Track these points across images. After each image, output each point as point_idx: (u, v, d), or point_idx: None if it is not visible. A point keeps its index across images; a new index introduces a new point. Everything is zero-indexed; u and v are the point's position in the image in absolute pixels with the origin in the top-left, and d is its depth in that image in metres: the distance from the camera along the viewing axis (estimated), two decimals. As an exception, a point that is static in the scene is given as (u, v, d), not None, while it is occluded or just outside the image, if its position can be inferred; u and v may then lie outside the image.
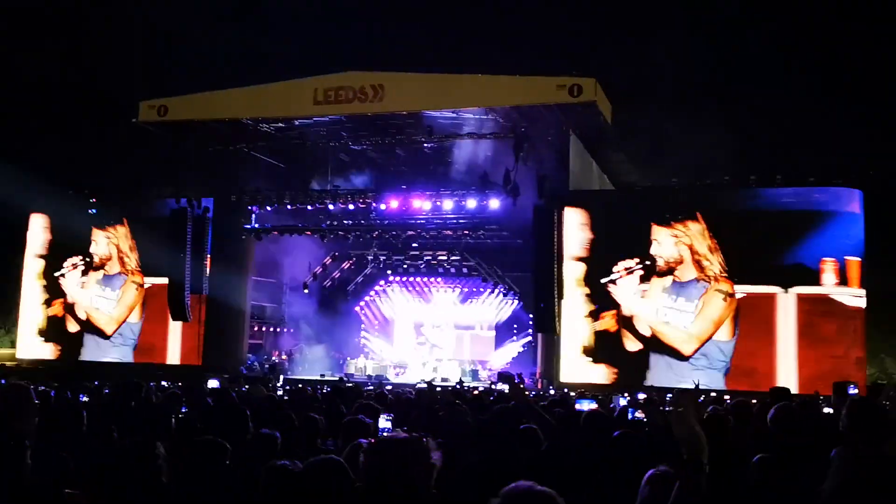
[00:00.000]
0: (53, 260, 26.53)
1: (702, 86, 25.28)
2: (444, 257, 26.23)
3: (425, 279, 27.98)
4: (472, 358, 26.61)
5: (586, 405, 7.39)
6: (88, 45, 28.33)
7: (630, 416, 7.28)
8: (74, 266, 26.22)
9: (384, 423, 5.03)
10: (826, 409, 7.67)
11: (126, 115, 23.19)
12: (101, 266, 26.03)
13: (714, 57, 26.69)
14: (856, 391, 8.04)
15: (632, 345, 20.46)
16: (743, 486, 3.39)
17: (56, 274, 26.37)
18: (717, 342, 19.79)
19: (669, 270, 20.38)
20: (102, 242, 26.08)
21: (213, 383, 11.22)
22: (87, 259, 26.10)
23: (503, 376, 4.91)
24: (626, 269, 20.55)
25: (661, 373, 19.98)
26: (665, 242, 20.48)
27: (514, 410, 4.91)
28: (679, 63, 25.18)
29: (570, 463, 4.32)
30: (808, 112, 24.99)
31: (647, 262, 20.51)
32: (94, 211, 25.78)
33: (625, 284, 20.62)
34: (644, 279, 20.55)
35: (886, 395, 10.36)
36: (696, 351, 19.89)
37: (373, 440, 2.61)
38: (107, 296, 25.90)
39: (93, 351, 25.81)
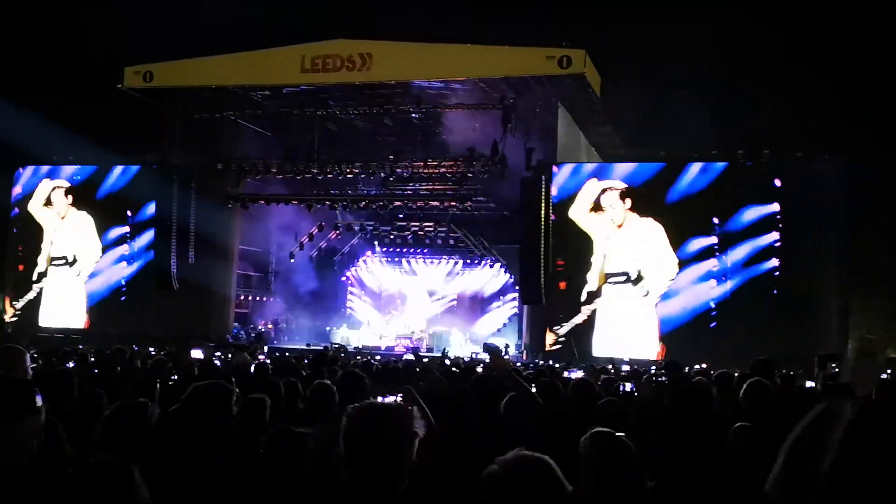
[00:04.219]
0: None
1: (693, 62, 25.09)
2: (431, 229, 26.22)
3: (412, 250, 27.97)
4: (458, 329, 26.69)
5: (574, 375, 7.46)
6: (72, 8, 27.79)
7: (621, 390, 7.33)
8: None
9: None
10: (808, 383, 7.74)
11: (111, 80, 22.90)
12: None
13: (706, 34, 26.51)
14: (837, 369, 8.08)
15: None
16: (721, 452, 3.50)
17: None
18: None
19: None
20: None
21: (196, 353, 10.98)
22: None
23: (487, 347, 4.92)
24: None
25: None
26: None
27: (494, 380, 4.94)
28: (671, 40, 24.99)
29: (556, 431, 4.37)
30: (796, 89, 24.91)
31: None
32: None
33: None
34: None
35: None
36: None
37: (357, 405, 2.58)
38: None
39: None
